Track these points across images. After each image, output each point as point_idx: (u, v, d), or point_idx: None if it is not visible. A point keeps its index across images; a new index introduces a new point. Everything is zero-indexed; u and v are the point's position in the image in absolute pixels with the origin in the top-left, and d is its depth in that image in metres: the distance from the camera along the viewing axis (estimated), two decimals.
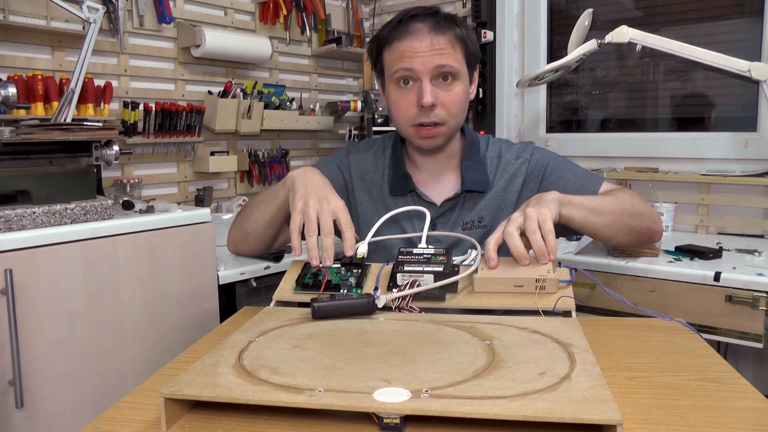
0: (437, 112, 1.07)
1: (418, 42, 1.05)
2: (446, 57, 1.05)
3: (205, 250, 1.46)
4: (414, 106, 1.07)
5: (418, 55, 1.04)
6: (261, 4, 2.24)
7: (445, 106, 1.07)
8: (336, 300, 0.82)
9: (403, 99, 1.08)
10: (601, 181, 1.16)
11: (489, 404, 0.54)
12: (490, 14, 2.29)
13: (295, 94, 2.39)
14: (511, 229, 0.88)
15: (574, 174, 1.16)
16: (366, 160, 1.22)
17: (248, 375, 0.62)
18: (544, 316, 0.81)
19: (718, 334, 1.41)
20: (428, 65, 1.04)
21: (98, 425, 0.61)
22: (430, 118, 1.07)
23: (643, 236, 1.13)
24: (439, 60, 1.04)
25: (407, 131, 1.11)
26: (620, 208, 1.05)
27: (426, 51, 1.04)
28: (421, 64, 1.04)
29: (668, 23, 2.08)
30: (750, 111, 1.91)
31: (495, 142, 1.21)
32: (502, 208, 1.14)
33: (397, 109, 1.10)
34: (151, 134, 1.92)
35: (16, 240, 1.15)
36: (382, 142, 1.24)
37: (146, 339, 1.36)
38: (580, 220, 0.99)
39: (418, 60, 1.04)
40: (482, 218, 1.13)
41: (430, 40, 1.05)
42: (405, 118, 1.09)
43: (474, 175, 1.14)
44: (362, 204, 1.19)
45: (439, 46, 1.05)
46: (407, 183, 1.15)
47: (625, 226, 1.06)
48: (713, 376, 0.69)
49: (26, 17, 1.58)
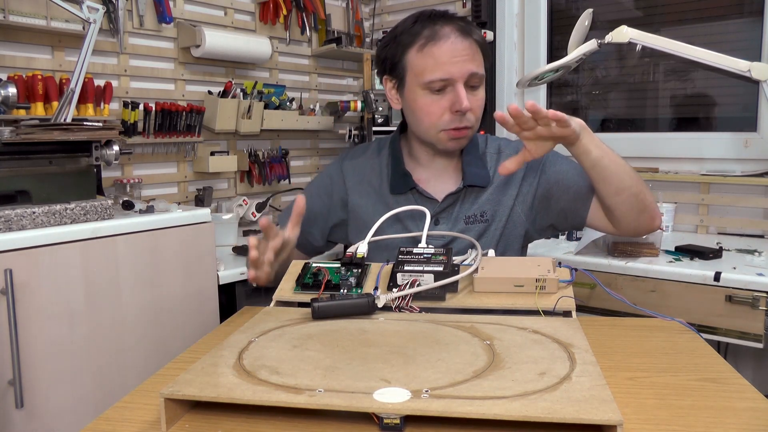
0: (469, 116, 1.09)
1: (453, 46, 1.06)
2: (477, 64, 1.08)
3: (205, 250, 1.46)
4: (447, 112, 1.08)
5: (455, 61, 1.06)
6: (261, 4, 2.24)
7: (474, 110, 1.10)
8: (336, 300, 0.82)
9: (435, 104, 1.09)
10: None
11: (489, 404, 0.54)
12: (490, 14, 2.29)
13: (295, 94, 2.39)
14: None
15: (573, 165, 1.18)
16: (361, 163, 1.23)
17: (248, 375, 0.62)
18: (544, 316, 0.81)
19: (718, 334, 1.41)
20: (464, 71, 1.06)
21: (98, 425, 0.61)
22: (463, 123, 1.09)
23: (645, 214, 1.08)
24: (472, 66, 1.07)
25: (436, 136, 1.12)
26: (632, 171, 1.06)
27: (462, 56, 1.06)
28: (458, 72, 1.06)
29: (668, 23, 2.08)
30: (750, 111, 1.91)
31: (494, 139, 1.24)
32: (503, 202, 1.15)
33: (426, 114, 1.11)
34: (151, 134, 1.92)
35: (16, 240, 1.15)
36: (377, 145, 1.26)
37: (146, 339, 1.36)
38: (595, 156, 1.01)
39: (456, 68, 1.06)
40: (484, 212, 1.15)
41: (461, 43, 1.06)
42: (436, 123, 1.10)
43: (475, 170, 1.15)
44: (362, 206, 1.20)
45: (470, 52, 1.07)
46: (408, 180, 1.16)
47: (633, 186, 1.04)
48: (713, 376, 0.69)
49: (26, 17, 1.58)
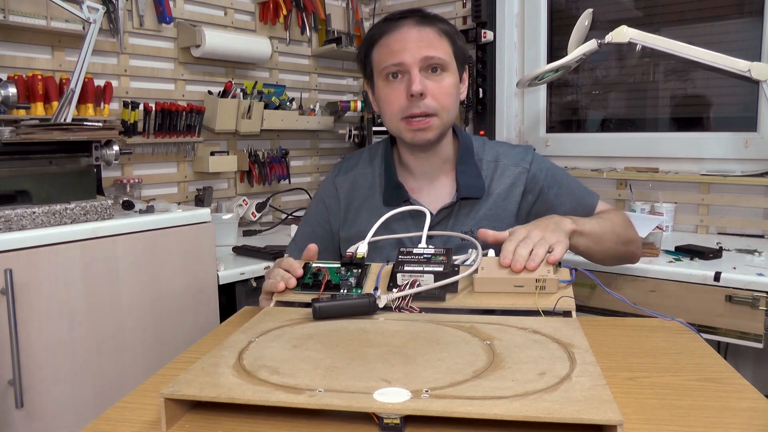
0: (427, 102, 1.06)
1: (405, 34, 1.06)
2: (434, 48, 1.06)
3: (205, 250, 1.46)
4: (403, 97, 1.06)
5: (406, 48, 1.05)
6: (261, 4, 2.24)
7: (436, 96, 1.06)
8: (337, 300, 0.82)
9: (392, 92, 1.08)
10: (597, 200, 1.20)
11: (489, 404, 0.54)
12: (490, 14, 2.29)
13: (295, 94, 2.39)
14: (517, 239, 0.89)
15: (572, 191, 1.17)
16: (353, 177, 1.20)
17: (248, 375, 0.62)
18: (544, 316, 0.81)
19: (718, 334, 1.41)
20: (417, 56, 1.05)
21: (98, 425, 0.61)
22: (420, 108, 1.06)
23: (624, 261, 1.20)
24: (427, 51, 1.05)
25: (398, 126, 1.10)
26: (616, 237, 1.10)
27: (413, 43, 1.05)
28: (410, 57, 1.05)
29: (668, 23, 2.08)
30: (750, 111, 1.91)
31: (492, 145, 1.20)
32: (502, 218, 1.12)
33: (386, 104, 1.10)
34: (151, 134, 1.92)
35: (16, 240, 1.15)
36: (368, 153, 1.23)
37: (146, 339, 1.36)
38: (583, 248, 1.04)
39: (407, 53, 1.05)
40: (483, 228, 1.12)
41: (417, 32, 1.06)
42: (394, 111, 1.08)
43: (469, 180, 1.12)
44: (357, 221, 1.17)
45: (427, 38, 1.06)
46: (400, 192, 1.13)
47: (615, 254, 1.13)
48: (713, 376, 0.69)
49: (26, 17, 1.58)
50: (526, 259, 0.85)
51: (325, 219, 1.22)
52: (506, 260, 0.86)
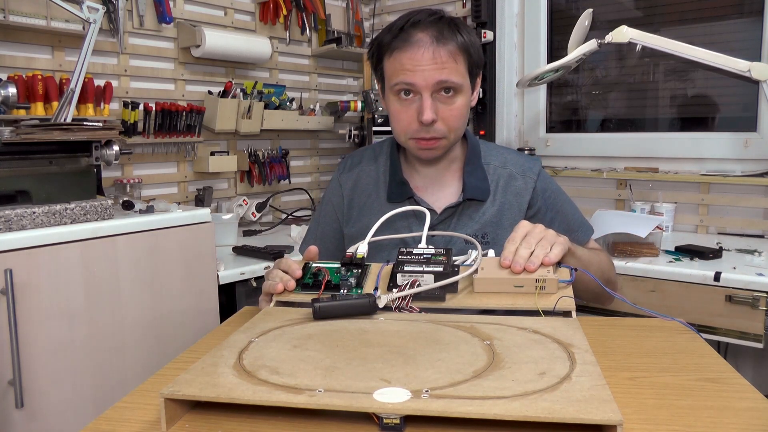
0: (437, 127, 1.05)
1: (419, 55, 1.02)
2: (447, 72, 1.02)
3: (205, 250, 1.46)
4: (414, 120, 1.05)
5: (419, 69, 1.02)
6: (261, 4, 2.24)
7: (446, 120, 1.05)
8: (337, 300, 0.82)
9: (403, 111, 1.06)
10: (591, 234, 1.20)
11: (489, 404, 0.54)
12: (490, 14, 2.29)
13: (295, 94, 2.39)
14: (519, 238, 0.89)
15: (566, 220, 1.17)
16: (356, 175, 1.20)
17: (248, 375, 0.62)
18: (544, 316, 0.81)
19: (718, 334, 1.41)
20: (429, 81, 1.02)
21: (98, 425, 0.61)
22: (429, 133, 1.05)
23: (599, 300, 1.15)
24: (440, 75, 1.02)
25: (406, 143, 1.10)
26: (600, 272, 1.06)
27: (427, 65, 1.01)
28: (422, 79, 1.02)
29: (668, 23, 2.08)
30: (750, 111, 1.91)
31: (500, 151, 1.19)
32: (506, 227, 1.11)
33: (396, 121, 1.09)
34: (151, 134, 1.92)
35: (16, 240, 1.15)
36: (373, 151, 1.22)
37: (146, 339, 1.36)
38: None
39: (420, 75, 1.02)
40: (485, 234, 1.11)
41: (431, 53, 1.01)
42: (405, 131, 1.08)
43: (475, 182, 1.12)
44: (361, 219, 1.17)
45: (441, 60, 1.02)
46: (404, 189, 1.13)
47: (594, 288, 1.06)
48: (713, 376, 0.69)
49: (26, 17, 1.58)
50: (526, 260, 0.85)
51: (333, 218, 1.22)
52: (506, 261, 0.86)
